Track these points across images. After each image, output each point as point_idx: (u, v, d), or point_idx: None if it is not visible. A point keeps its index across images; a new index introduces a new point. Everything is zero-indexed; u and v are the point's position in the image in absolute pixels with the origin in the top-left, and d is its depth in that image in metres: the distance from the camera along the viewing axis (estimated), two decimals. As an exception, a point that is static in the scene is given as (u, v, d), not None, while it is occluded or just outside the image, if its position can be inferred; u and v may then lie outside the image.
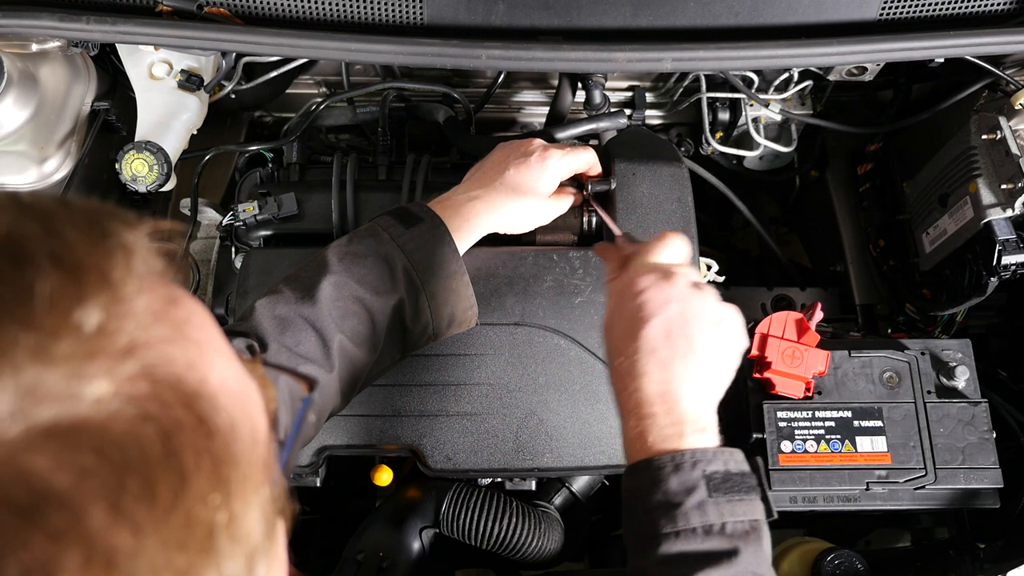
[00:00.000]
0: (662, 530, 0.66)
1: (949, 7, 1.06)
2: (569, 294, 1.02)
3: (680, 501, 0.66)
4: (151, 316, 0.36)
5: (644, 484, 0.69)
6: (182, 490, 0.33)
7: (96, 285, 0.34)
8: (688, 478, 0.67)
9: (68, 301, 0.33)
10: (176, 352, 0.37)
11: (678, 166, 1.10)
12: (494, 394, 0.99)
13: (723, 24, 1.05)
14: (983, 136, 1.13)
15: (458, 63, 1.02)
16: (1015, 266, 1.07)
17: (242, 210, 1.06)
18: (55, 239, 0.35)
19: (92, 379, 0.33)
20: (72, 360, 0.32)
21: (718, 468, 0.69)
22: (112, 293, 0.35)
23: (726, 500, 0.67)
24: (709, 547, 0.66)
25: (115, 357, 0.34)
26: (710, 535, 0.66)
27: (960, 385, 1.06)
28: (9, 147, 1.06)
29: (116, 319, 0.34)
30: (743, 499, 0.68)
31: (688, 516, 0.66)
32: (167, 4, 1.01)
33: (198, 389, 0.37)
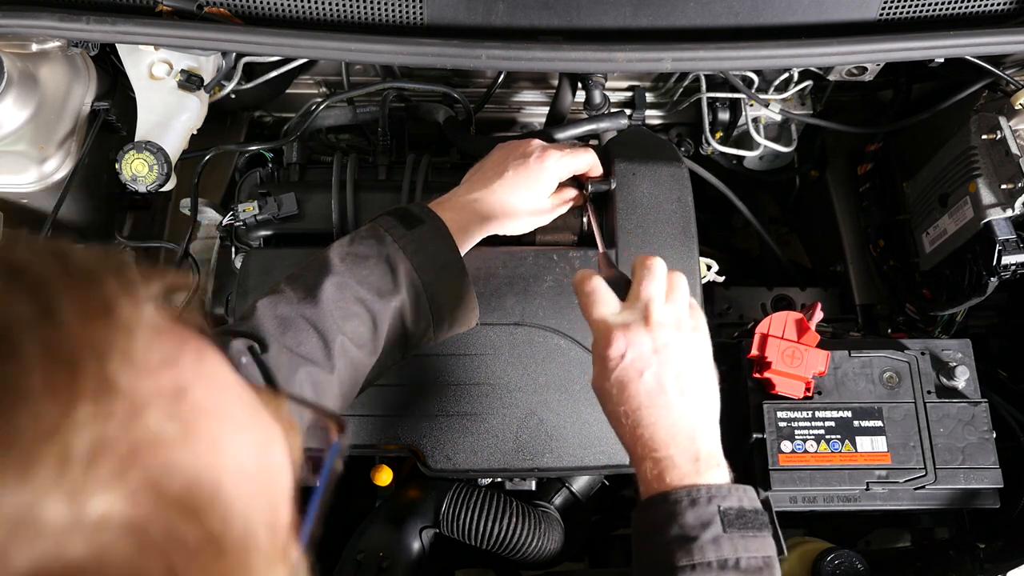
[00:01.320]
0: (678, 563, 0.67)
1: (949, 7, 1.06)
2: (569, 294, 1.02)
3: (696, 535, 0.67)
4: (157, 413, 0.32)
5: (660, 517, 0.69)
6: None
7: (94, 382, 0.30)
8: (704, 512, 0.68)
9: (61, 405, 0.29)
10: (185, 456, 0.32)
11: (678, 166, 1.10)
12: (494, 394, 0.99)
13: (723, 24, 1.05)
14: (983, 136, 1.13)
15: (458, 63, 1.02)
16: (1015, 266, 1.07)
17: (242, 210, 1.06)
18: (48, 324, 0.30)
19: (89, 505, 0.28)
20: (65, 483, 0.28)
21: (732, 504, 0.70)
22: (111, 391, 0.31)
23: (740, 536, 0.68)
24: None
25: (114, 472, 0.29)
26: (725, 570, 0.67)
27: (960, 385, 1.06)
28: (9, 147, 1.06)
29: (115, 423, 0.30)
30: (756, 536, 0.69)
31: (704, 550, 0.67)
32: (167, 4, 1.01)
33: (209, 498, 0.32)
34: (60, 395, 0.29)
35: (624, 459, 0.99)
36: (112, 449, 0.29)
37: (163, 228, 1.35)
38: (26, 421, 0.28)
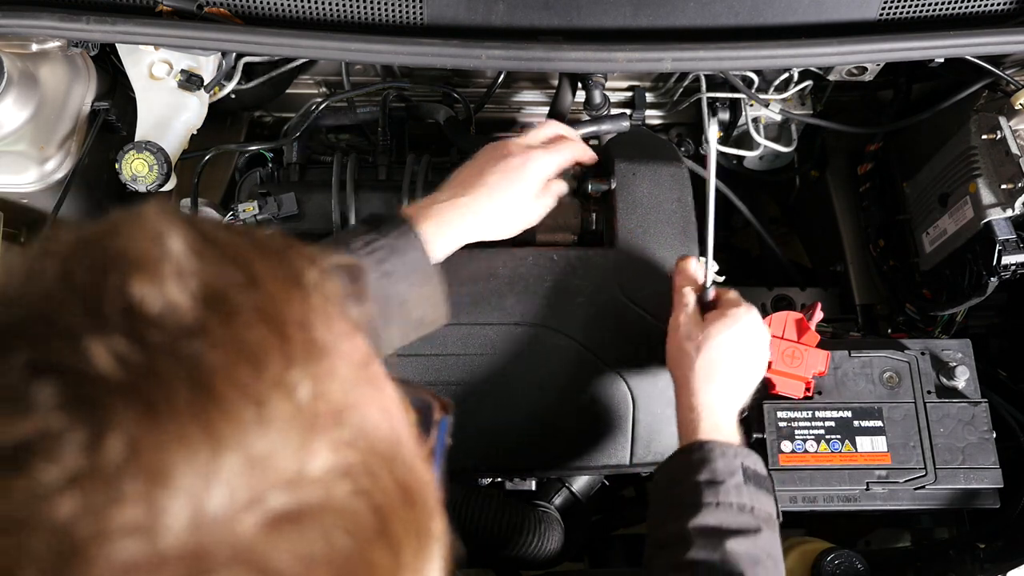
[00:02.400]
0: (705, 500, 0.79)
1: (949, 7, 1.06)
2: (569, 294, 1.02)
3: (723, 480, 0.80)
4: (352, 373, 0.35)
5: (695, 461, 0.82)
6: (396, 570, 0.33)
7: (303, 343, 0.33)
8: (732, 464, 0.82)
9: (280, 362, 0.32)
10: (375, 413, 0.35)
11: (678, 166, 1.10)
12: (494, 394, 0.99)
13: (723, 24, 1.05)
14: (983, 136, 1.13)
15: (458, 63, 1.02)
16: (1015, 266, 1.07)
17: (242, 210, 1.06)
18: (258, 291, 0.33)
19: (316, 452, 0.31)
20: (294, 430, 0.31)
21: (751, 464, 0.83)
22: (317, 350, 0.34)
23: (756, 489, 0.82)
24: (740, 522, 0.79)
25: (330, 425, 0.32)
26: (743, 512, 0.79)
27: (960, 385, 1.06)
28: (9, 147, 1.06)
29: (324, 380, 0.33)
30: (766, 494, 0.83)
31: (728, 492, 0.80)
32: (167, 4, 1.01)
33: (395, 452, 0.35)
34: (277, 352, 0.32)
35: (624, 459, 0.99)
36: (327, 402, 0.33)
37: (163, 228, 1.35)
38: (251, 374, 0.31)
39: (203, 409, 0.30)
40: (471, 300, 1.01)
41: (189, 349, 0.31)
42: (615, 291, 1.02)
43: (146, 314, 0.31)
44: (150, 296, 0.31)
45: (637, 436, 0.99)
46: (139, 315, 0.31)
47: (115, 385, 0.29)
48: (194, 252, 0.33)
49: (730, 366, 0.89)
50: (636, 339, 1.01)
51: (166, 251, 0.33)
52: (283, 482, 0.30)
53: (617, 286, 1.02)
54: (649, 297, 1.02)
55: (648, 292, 1.02)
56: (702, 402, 0.86)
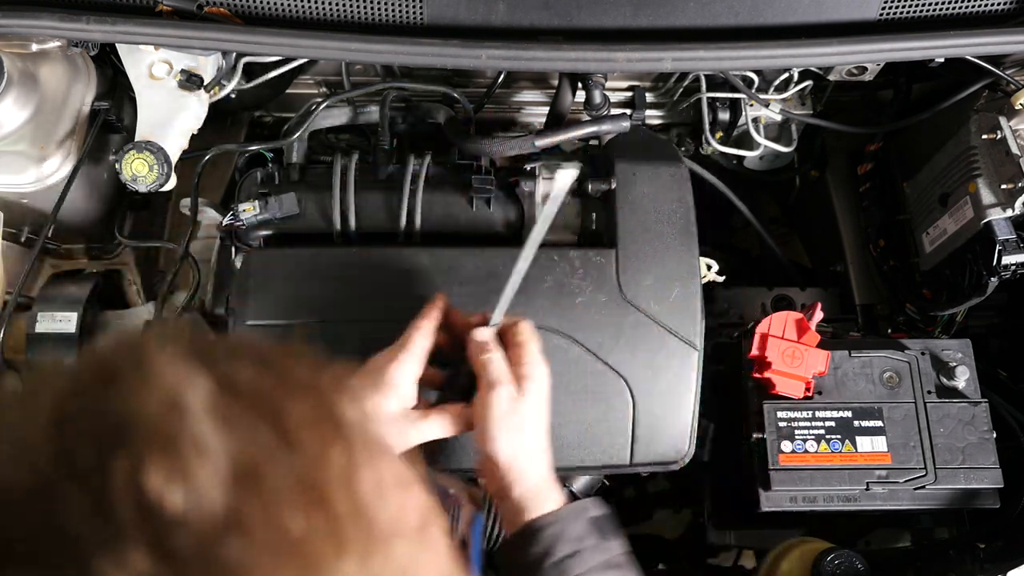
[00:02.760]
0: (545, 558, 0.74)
1: (949, 7, 1.06)
2: (569, 294, 1.02)
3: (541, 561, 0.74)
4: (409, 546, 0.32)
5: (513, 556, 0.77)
6: None
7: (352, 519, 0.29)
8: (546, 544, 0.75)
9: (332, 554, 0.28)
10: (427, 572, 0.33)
11: (678, 166, 1.10)
12: None
13: (723, 24, 1.05)
14: (983, 136, 1.13)
15: (458, 63, 1.02)
16: (1015, 266, 1.07)
17: (242, 210, 1.06)
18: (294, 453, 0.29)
19: None
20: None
21: (593, 513, 0.79)
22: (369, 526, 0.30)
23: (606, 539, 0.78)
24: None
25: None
26: (608, 569, 0.75)
27: (960, 385, 1.06)
28: (9, 147, 1.06)
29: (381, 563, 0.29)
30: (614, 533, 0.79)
31: (594, 555, 0.75)
32: (167, 4, 1.01)
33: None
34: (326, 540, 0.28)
35: (624, 459, 0.99)
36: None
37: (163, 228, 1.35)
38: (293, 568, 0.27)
39: None
40: (472, 300, 1.01)
41: (225, 554, 0.26)
42: (615, 291, 1.02)
43: (168, 513, 0.26)
44: (171, 489, 0.26)
45: (637, 436, 0.99)
46: (159, 515, 0.26)
47: None
48: (218, 415, 0.28)
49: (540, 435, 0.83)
50: (636, 339, 1.01)
51: (185, 422, 0.28)
52: None
53: (617, 286, 1.02)
54: (649, 297, 1.02)
55: (648, 292, 1.02)
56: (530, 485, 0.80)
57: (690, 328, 1.01)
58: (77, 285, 1.15)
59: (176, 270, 1.13)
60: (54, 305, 1.11)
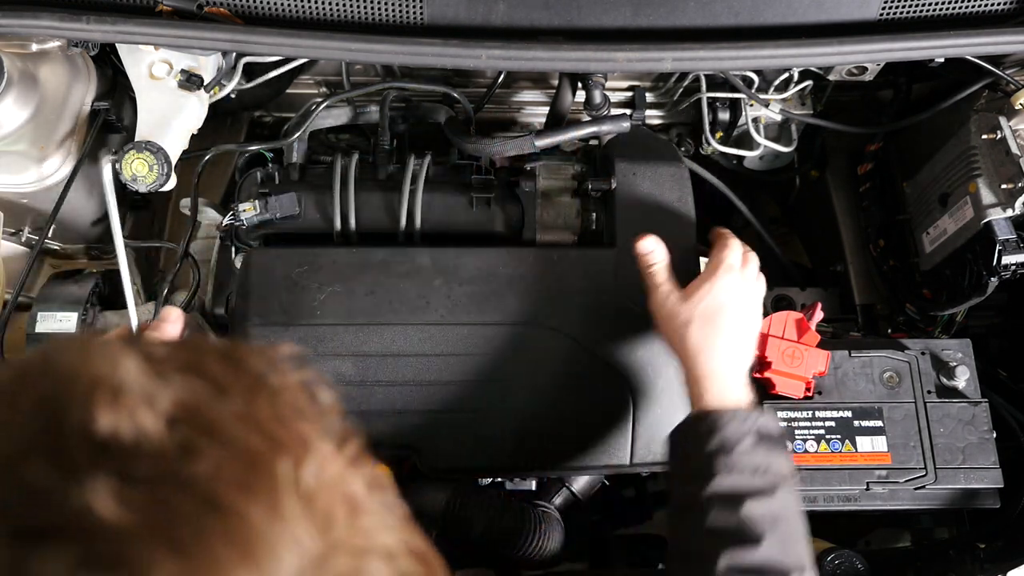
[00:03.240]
0: (716, 468, 0.80)
1: (949, 7, 1.06)
2: (570, 294, 1.02)
3: (734, 446, 0.81)
4: (338, 456, 0.36)
5: (703, 431, 0.84)
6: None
7: (288, 439, 0.33)
8: (741, 429, 0.82)
9: (277, 460, 0.32)
10: (362, 488, 0.37)
11: (678, 166, 1.10)
12: (495, 394, 0.99)
13: (723, 24, 1.05)
14: (983, 136, 1.13)
15: (458, 63, 1.02)
16: (1015, 266, 1.07)
17: (242, 210, 1.06)
18: (229, 398, 0.33)
19: (335, 528, 0.33)
20: (308, 518, 0.32)
21: (762, 425, 0.84)
22: (304, 441, 0.34)
23: (767, 450, 0.82)
24: (756, 484, 0.80)
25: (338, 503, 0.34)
26: (757, 474, 0.81)
27: (960, 385, 1.06)
28: (9, 147, 1.06)
29: (319, 466, 0.33)
30: (780, 452, 0.84)
31: (740, 457, 0.81)
32: (167, 4, 1.01)
33: (397, 521, 0.39)
34: (270, 452, 0.32)
35: (624, 459, 0.99)
36: (328, 487, 0.33)
37: (163, 228, 1.35)
38: (255, 477, 0.31)
39: (227, 528, 0.29)
40: (472, 300, 1.02)
41: (187, 471, 0.29)
42: (615, 291, 1.02)
43: (124, 446, 0.29)
44: (123, 425, 0.30)
45: (637, 436, 0.99)
46: (117, 450, 0.29)
47: (130, 532, 0.28)
48: (152, 373, 0.32)
49: (722, 330, 0.89)
50: (636, 339, 1.01)
51: (124, 373, 0.31)
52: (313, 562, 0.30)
53: (617, 286, 1.02)
54: None
55: None
56: (704, 372, 0.87)
57: None
58: (77, 285, 1.15)
59: (176, 270, 1.13)
60: (54, 305, 1.11)
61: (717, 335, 0.89)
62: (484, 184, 1.10)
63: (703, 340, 0.88)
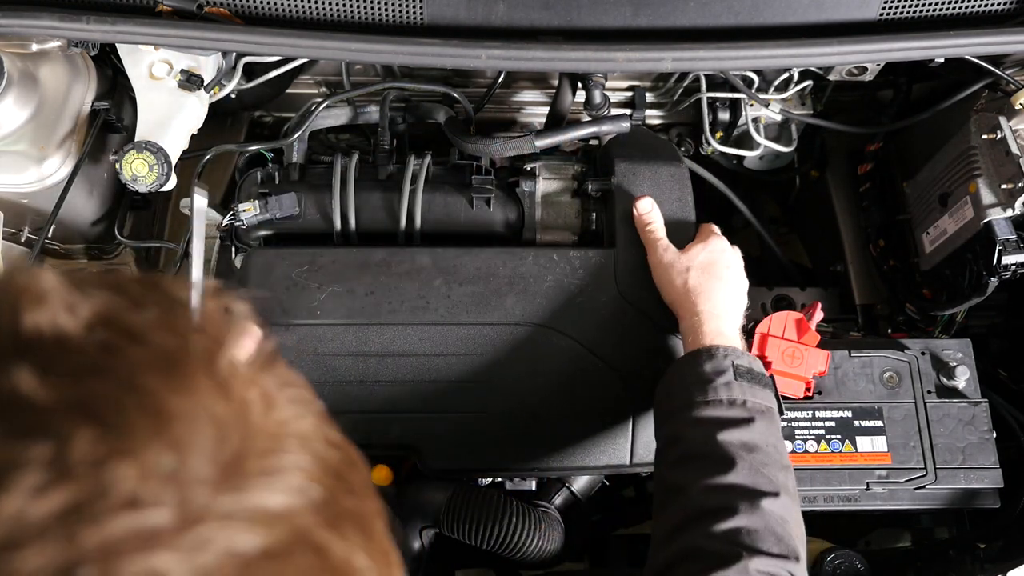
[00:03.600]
0: (695, 398, 0.85)
1: (949, 7, 1.06)
2: (569, 294, 1.02)
3: (712, 379, 0.85)
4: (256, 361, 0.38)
5: (685, 366, 0.89)
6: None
7: (205, 344, 0.36)
8: (720, 364, 0.86)
9: (193, 363, 0.34)
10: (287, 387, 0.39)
11: (678, 166, 1.10)
12: (495, 394, 0.99)
13: (723, 24, 1.05)
14: (983, 136, 1.13)
15: (458, 63, 1.02)
16: (1015, 266, 1.07)
17: (242, 210, 1.06)
18: (146, 310, 0.35)
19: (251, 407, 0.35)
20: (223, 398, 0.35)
21: (743, 363, 0.87)
22: (220, 345, 0.36)
23: (748, 384, 0.86)
24: (731, 414, 0.83)
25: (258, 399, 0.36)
26: (733, 406, 0.84)
27: (960, 385, 1.06)
28: (9, 147, 1.06)
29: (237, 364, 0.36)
30: (761, 388, 0.87)
31: (717, 390, 0.85)
32: (167, 4, 1.01)
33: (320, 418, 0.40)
34: (187, 355, 0.34)
35: (624, 459, 0.99)
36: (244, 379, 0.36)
37: (163, 228, 1.35)
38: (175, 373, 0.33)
39: (143, 404, 0.31)
40: (472, 300, 1.02)
41: (107, 363, 0.32)
42: (615, 291, 1.02)
43: (47, 343, 0.32)
44: (45, 326, 0.32)
45: (637, 436, 0.99)
46: (40, 346, 0.32)
47: (52, 407, 0.30)
48: (74, 286, 0.34)
49: (718, 279, 0.96)
50: (636, 339, 1.01)
51: (46, 284, 0.34)
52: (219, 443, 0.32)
53: (617, 286, 1.02)
54: (649, 297, 1.02)
55: (648, 292, 1.02)
56: (701, 311, 0.92)
57: None
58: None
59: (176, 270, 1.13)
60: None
61: (715, 280, 0.95)
62: (484, 184, 1.10)
63: (702, 283, 0.94)
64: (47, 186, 1.08)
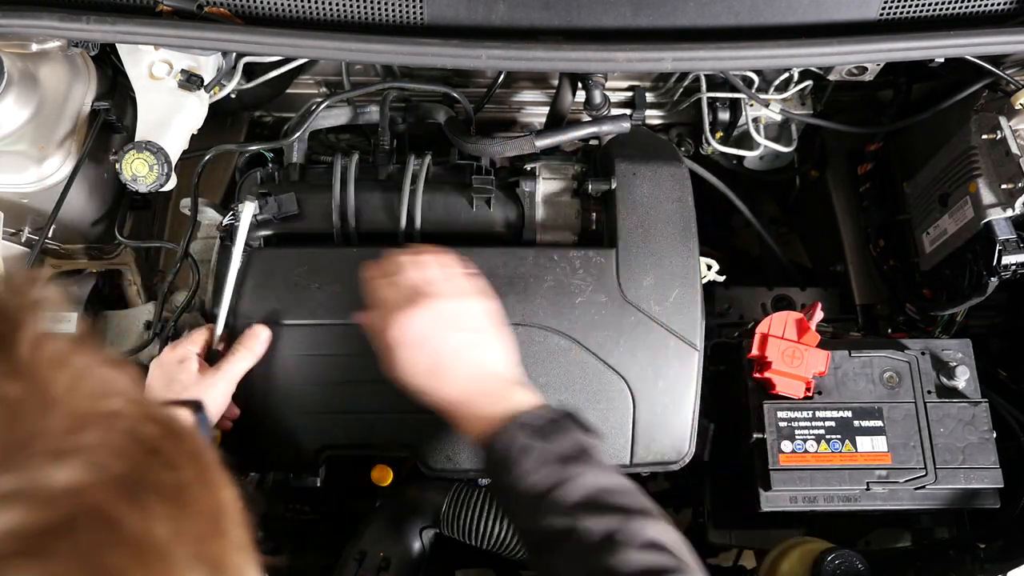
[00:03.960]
0: (502, 479, 0.75)
1: (949, 7, 1.06)
2: (570, 294, 1.02)
3: (506, 458, 0.75)
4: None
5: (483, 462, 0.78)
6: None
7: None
8: (504, 440, 0.76)
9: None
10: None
11: (678, 166, 1.10)
12: None
13: (723, 24, 1.05)
14: (983, 136, 1.13)
15: (458, 63, 1.02)
16: (1015, 266, 1.07)
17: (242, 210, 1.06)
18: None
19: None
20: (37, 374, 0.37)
21: (526, 421, 0.77)
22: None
23: (544, 441, 0.76)
24: (548, 479, 0.73)
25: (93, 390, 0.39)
26: (546, 464, 0.74)
27: (960, 385, 1.06)
28: (9, 147, 1.06)
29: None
30: (563, 434, 0.77)
31: (517, 464, 0.74)
32: (167, 4, 1.01)
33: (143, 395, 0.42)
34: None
35: (624, 459, 0.99)
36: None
37: (163, 228, 1.35)
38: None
39: None
40: None
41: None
42: (615, 291, 1.02)
43: None
44: None
45: (637, 436, 0.99)
46: None
47: None
48: None
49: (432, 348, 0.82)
50: (636, 339, 1.01)
51: None
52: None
53: (618, 286, 1.02)
54: (649, 297, 1.02)
55: (648, 292, 1.02)
56: (446, 401, 0.82)
57: (691, 328, 1.01)
58: (77, 285, 1.15)
59: (176, 270, 1.13)
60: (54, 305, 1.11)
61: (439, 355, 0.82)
62: (484, 184, 1.10)
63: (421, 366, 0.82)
64: (47, 186, 1.08)
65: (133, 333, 1.15)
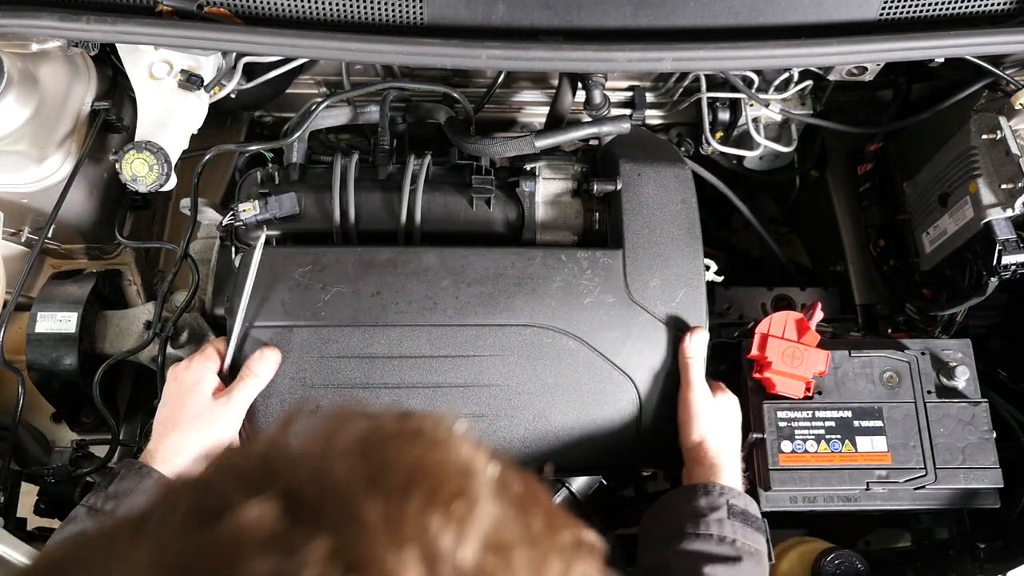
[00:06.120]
0: (686, 530, 0.87)
1: (949, 7, 1.06)
2: (578, 295, 1.02)
3: (705, 514, 0.88)
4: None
5: (680, 496, 0.91)
6: None
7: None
8: (715, 501, 0.89)
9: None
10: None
11: (682, 167, 1.10)
12: (502, 396, 0.99)
13: (723, 24, 1.05)
14: (983, 136, 1.13)
15: (458, 63, 1.02)
16: (1015, 266, 1.07)
17: (242, 210, 1.06)
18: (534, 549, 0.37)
19: None
20: None
21: (739, 503, 0.90)
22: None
23: (741, 525, 0.88)
24: (720, 551, 0.86)
25: None
26: (723, 543, 0.86)
27: (960, 385, 1.06)
28: (9, 147, 1.06)
29: None
30: (753, 531, 0.89)
31: (709, 524, 0.87)
32: (167, 4, 1.01)
33: None
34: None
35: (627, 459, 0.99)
36: None
37: (163, 228, 1.35)
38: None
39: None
40: (480, 301, 1.01)
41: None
42: (623, 292, 1.02)
43: (438, 549, 0.34)
44: (447, 538, 0.34)
45: (642, 436, 0.99)
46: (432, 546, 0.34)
47: None
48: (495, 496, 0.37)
49: (732, 429, 0.99)
50: (643, 340, 1.01)
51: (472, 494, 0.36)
52: None
53: (625, 287, 1.02)
54: (656, 298, 1.02)
55: (655, 293, 1.02)
56: (707, 450, 0.95)
57: None
58: (77, 285, 1.15)
59: (176, 270, 1.13)
60: (54, 305, 1.11)
61: (728, 431, 0.98)
62: (484, 184, 1.10)
63: (716, 432, 0.97)
64: (47, 186, 1.08)
65: (133, 333, 1.15)
